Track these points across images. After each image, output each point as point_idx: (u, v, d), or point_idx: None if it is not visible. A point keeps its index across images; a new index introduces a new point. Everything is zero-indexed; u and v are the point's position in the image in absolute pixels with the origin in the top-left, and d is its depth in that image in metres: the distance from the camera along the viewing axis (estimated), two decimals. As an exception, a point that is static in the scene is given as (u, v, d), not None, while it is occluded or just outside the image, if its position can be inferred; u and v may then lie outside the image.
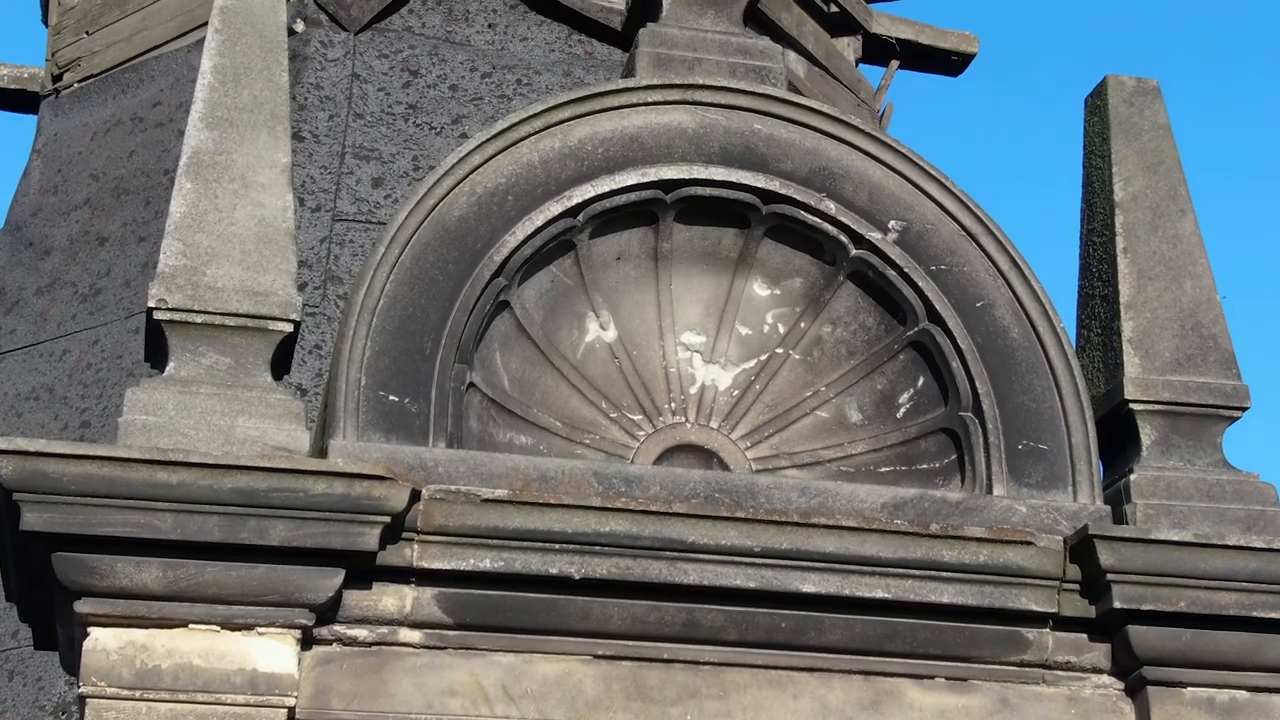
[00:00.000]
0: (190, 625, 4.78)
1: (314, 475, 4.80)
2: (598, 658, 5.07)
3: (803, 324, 5.75)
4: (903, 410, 5.67)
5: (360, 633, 4.96)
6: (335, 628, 4.94)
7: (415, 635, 4.98)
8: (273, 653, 4.81)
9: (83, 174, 8.59)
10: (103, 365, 7.80)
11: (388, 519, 4.84)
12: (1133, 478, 5.48)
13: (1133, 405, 5.57)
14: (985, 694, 5.22)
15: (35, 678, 7.24)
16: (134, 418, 4.94)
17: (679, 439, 5.66)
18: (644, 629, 5.07)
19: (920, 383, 5.65)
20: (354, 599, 4.93)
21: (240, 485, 4.76)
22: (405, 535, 4.93)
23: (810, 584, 5.10)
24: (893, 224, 5.63)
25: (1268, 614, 5.22)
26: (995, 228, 5.65)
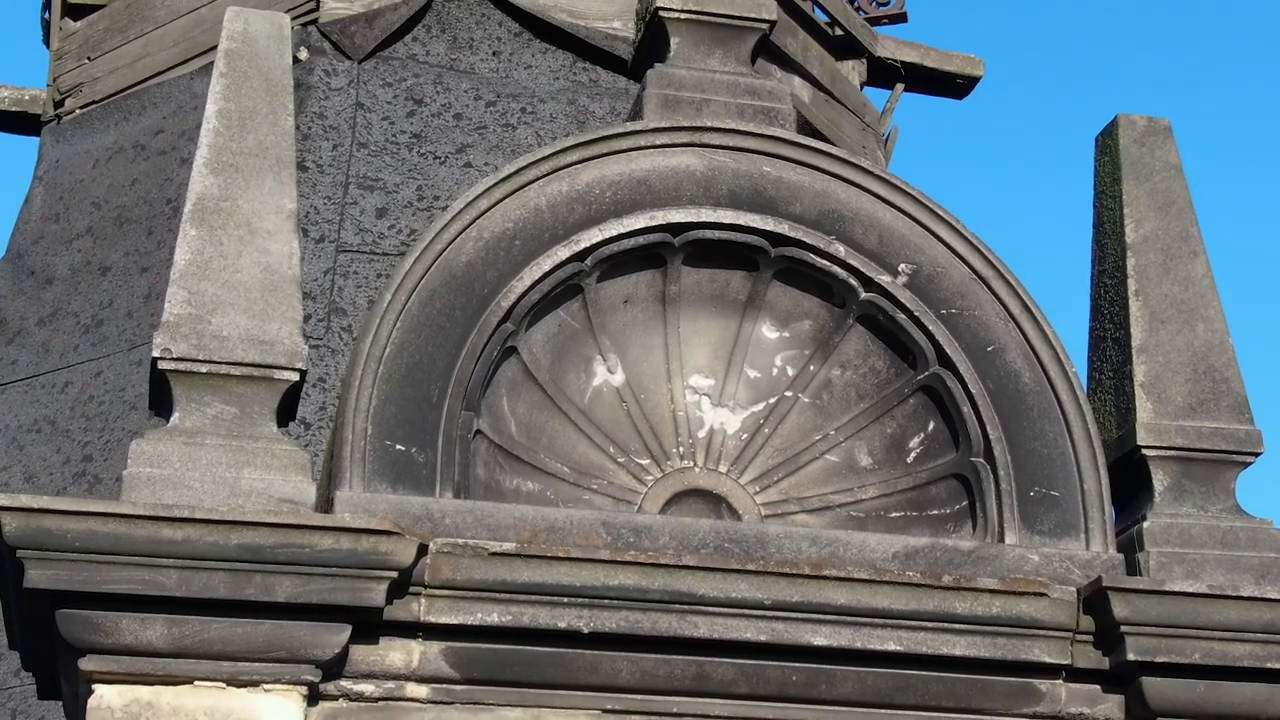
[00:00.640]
0: (196, 682, 4.73)
1: (320, 530, 4.75)
2: (607, 712, 5.02)
3: (812, 367, 5.71)
4: (913, 455, 5.62)
5: (367, 688, 4.91)
6: (342, 683, 4.89)
7: (423, 690, 4.94)
8: (279, 709, 4.76)
9: (85, 202, 8.54)
10: (105, 398, 7.75)
11: (395, 574, 4.80)
12: (1145, 525, 5.43)
13: (1145, 451, 5.52)
14: (998, 746, 5.18)
15: (39, 718, 7.19)
16: (139, 470, 4.90)
17: (687, 484, 5.61)
18: (654, 683, 5.03)
19: (931, 427, 5.60)
20: (360, 654, 4.88)
21: (246, 541, 4.72)
22: (412, 589, 4.88)
23: (822, 636, 5.05)
24: (903, 267, 5.58)
25: (1282, 665, 5.19)
26: (1006, 271, 5.60)
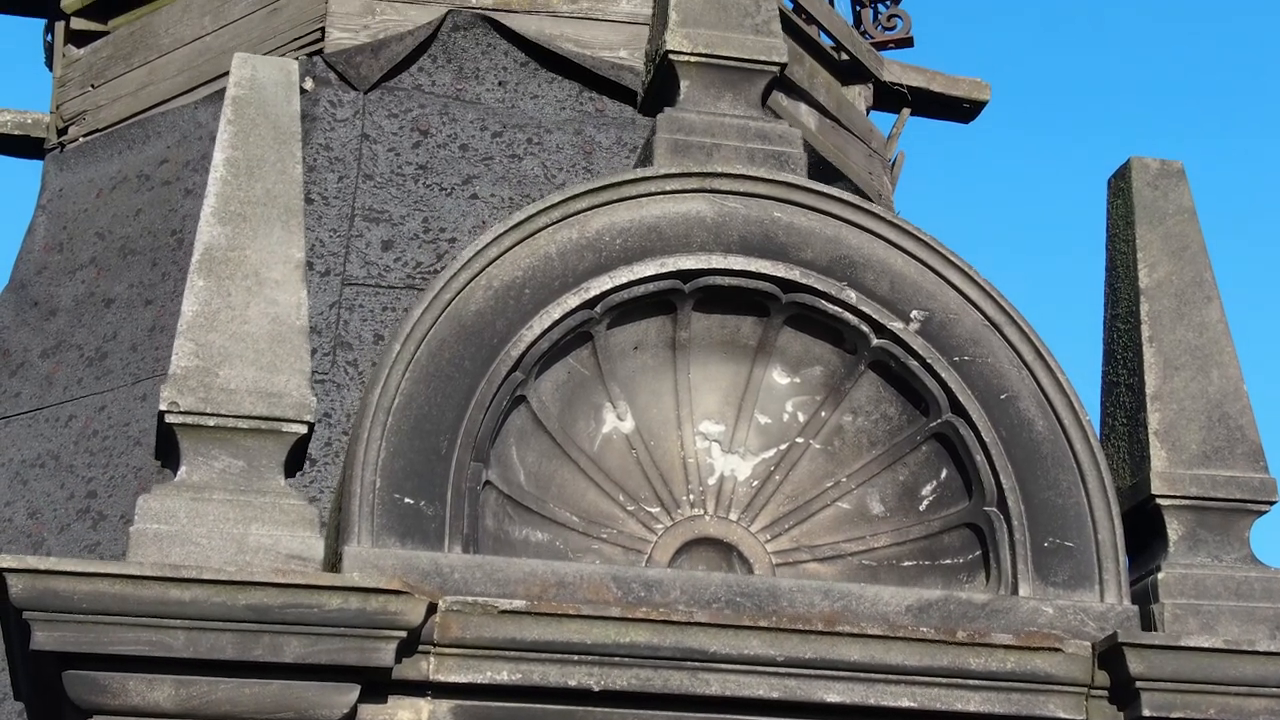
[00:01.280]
0: (204, 743, 4.70)
1: (329, 590, 4.71)
2: (618, 770, 4.99)
3: (823, 413, 5.66)
4: (925, 503, 5.57)
5: (376, 748, 4.88)
6: (350, 743, 4.86)
7: (432, 749, 4.91)
8: (287, 769, 4.73)
9: (88, 232, 8.48)
10: (109, 433, 7.69)
11: (404, 633, 4.76)
12: (1160, 576, 5.38)
13: (1159, 500, 5.47)
14: (1012, 803, 5.14)
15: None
16: (146, 527, 4.86)
17: (698, 532, 5.56)
18: (665, 741, 4.99)
19: (943, 475, 5.56)
20: (369, 713, 4.84)
21: (254, 602, 4.68)
22: (421, 648, 4.84)
23: (835, 694, 5.01)
24: (915, 313, 5.54)
25: (1298, 720, 5.15)
26: (1019, 318, 5.56)
